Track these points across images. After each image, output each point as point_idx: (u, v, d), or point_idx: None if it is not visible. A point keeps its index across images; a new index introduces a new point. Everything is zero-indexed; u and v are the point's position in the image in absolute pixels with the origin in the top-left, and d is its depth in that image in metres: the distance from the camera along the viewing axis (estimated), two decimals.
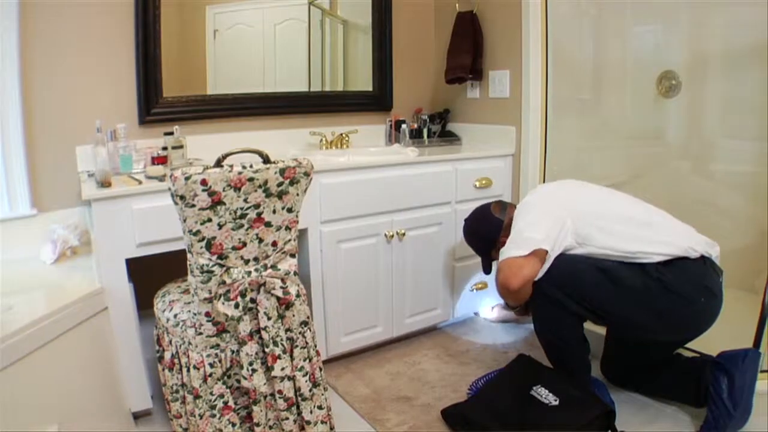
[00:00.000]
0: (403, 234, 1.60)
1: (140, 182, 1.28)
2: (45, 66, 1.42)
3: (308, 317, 1.19)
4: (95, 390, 1.22)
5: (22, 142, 1.40)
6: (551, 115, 1.78)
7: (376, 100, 1.99)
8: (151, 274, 1.36)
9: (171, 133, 1.50)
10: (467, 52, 1.82)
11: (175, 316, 1.14)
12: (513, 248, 1.22)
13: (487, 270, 1.52)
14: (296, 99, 1.84)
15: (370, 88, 1.98)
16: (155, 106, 1.57)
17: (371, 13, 1.92)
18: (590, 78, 2.12)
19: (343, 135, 1.84)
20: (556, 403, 1.22)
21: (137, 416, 1.36)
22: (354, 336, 1.60)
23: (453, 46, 1.89)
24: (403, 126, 1.91)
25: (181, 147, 1.51)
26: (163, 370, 1.19)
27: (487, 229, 1.43)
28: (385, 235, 1.57)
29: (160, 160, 1.46)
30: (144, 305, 1.39)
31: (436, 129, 1.97)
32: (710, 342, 1.37)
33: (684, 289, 1.14)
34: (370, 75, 1.97)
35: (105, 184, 1.25)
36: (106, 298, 1.24)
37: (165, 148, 1.49)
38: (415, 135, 1.94)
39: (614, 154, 2.13)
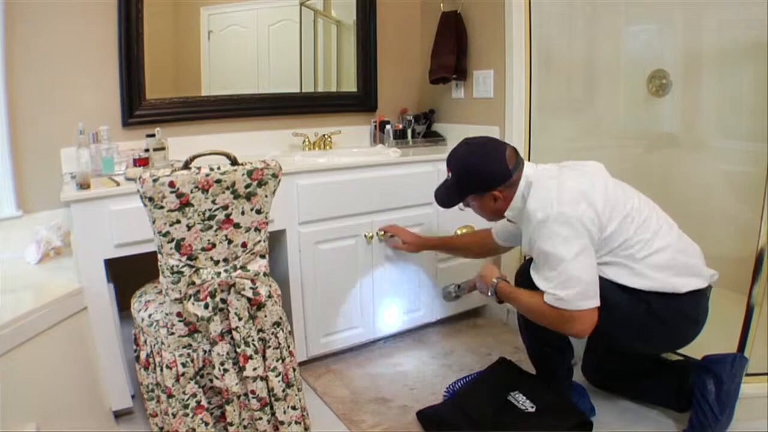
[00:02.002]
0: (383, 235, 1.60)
1: (118, 184, 1.29)
2: (30, 69, 1.44)
3: (281, 318, 1.20)
4: (75, 388, 1.24)
5: (8, 145, 1.42)
6: (536, 115, 1.77)
7: (360, 101, 1.99)
8: (136, 274, 1.37)
9: (153, 135, 1.51)
10: (451, 53, 1.82)
11: (150, 316, 1.15)
12: (583, 299, 1.07)
13: (447, 204, 1.25)
14: (281, 100, 1.85)
15: (355, 89, 1.99)
16: (138, 108, 1.59)
17: (355, 13, 1.93)
18: (579, 77, 2.10)
19: (326, 136, 1.84)
20: (533, 410, 1.21)
21: (118, 415, 1.38)
22: (334, 337, 1.60)
23: (437, 47, 1.88)
24: (387, 126, 1.91)
25: (163, 149, 1.52)
26: (140, 369, 1.21)
27: (491, 173, 1.15)
28: (365, 236, 1.57)
29: (141, 161, 1.47)
30: (127, 305, 1.40)
31: (421, 129, 1.97)
32: (693, 344, 1.35)
33: (670, 317, 1.13)
34: (355, 76, 1.98)
35: (84, 185, 1.27)
36: (85, 298, 1.26)
37: (147, 150, 1.50)
38: (400, 135, 1.93)
39: (603, 154, 2.11)
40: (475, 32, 1.84)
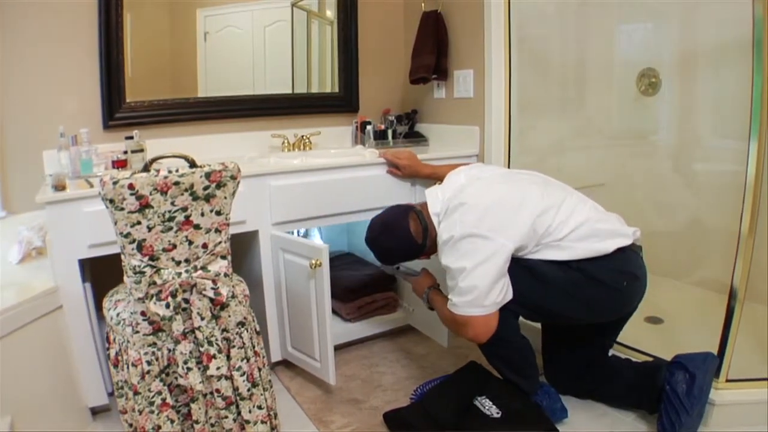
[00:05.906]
0: None
1: (92, 185, 1.32)
2: (13, 73, 1.48)
3: (245, 318, 1.21)
4: (51, 385, 1.27)
5: None
6: (519, 115, 1.74)
7: (342, 102, 1.99)
8: (115, 274, 1.38)
9: (131, 138, 1.54)
10: (431, 53, 1.81)
11: (118, 314, 1.18)
12: (470, 306, 1.14)
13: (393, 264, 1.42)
14: (263, 102, 1.86)
15: (337, 90, 1.99)
16: (118, 110, 1.62)
17: (336, 13, 1.93)
18: (566, 77, 2.07)
19: (304, 137, 1.85)
20: (498, 416, 1.20)
21: (96, 412, 1.41)
22: None
23: (417, 46, 1.87)
24: (368, 127, 1.91)
25: (141, 151, 1.55)
26: (111, 366, 1.23)
27: (410, 254, 1.31)
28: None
29: (120, 163, 1.50)
30: None
31: (403, 130, 1.96)
32: (669, 348, 1.32)
33: (605, 276, 1.15)
34: (337, 76, 1.98)
35: (59, 187, 1.30)
36: (60, 296, 1.29)
37: (126, 152, 1.53)
38: (381, 136, 1.93)
39: (591, 154, 2.08)
40: (456, 32, 1.83)
